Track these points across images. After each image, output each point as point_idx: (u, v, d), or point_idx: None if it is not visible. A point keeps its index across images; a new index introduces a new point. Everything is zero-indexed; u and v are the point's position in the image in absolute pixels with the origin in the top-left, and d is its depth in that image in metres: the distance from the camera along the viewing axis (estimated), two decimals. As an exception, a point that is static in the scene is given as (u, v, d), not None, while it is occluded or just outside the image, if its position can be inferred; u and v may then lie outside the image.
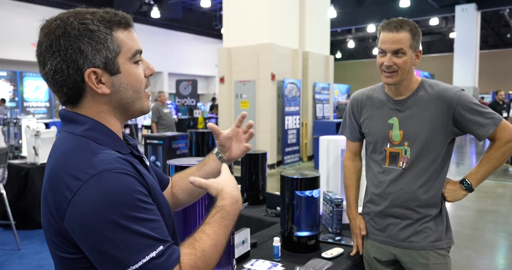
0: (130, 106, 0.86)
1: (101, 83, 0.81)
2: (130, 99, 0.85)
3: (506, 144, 1.43)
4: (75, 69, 0.78)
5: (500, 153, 1.44)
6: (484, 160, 1.47)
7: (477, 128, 1.43)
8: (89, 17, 0.80)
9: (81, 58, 0.78)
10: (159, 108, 7.04)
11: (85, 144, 0.78)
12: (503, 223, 4.51)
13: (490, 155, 1.46)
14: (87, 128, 0.80)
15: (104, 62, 0.80)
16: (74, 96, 0.81)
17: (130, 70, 0.84)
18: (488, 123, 1.42)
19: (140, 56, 0.88)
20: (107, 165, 0.73)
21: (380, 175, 1.56)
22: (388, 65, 1.44)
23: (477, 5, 16.80)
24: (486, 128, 1.42)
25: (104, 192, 0.70)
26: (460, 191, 1.50)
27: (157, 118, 6.98)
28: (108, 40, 0.80)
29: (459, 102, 1.43)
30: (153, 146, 3.01)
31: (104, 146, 0.79)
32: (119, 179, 0.72)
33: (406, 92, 1.51)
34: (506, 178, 7.11)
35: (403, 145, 1.50)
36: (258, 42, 7.59)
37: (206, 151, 2.77)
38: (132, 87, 0.84)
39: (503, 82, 25.24)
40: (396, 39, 1.42)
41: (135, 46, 0.86)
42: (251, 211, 2.38)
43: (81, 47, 0.77)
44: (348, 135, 1.74)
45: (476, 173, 1.47)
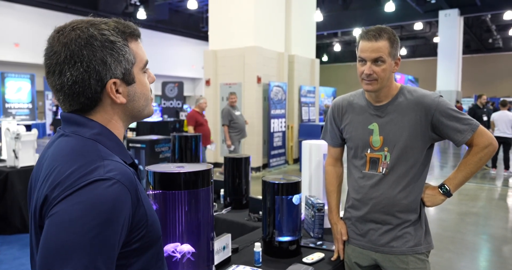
0: (141, 113, 0.89)
1: (118, 93, 0.82)
2: (142, 107, 0.88)
3: (483, 150, 1.45)
4: (97, 79, 0.79)
5: (477, 159, 1.46)
6: (461, 165, 1.49)
7: (455, 134, 1.45)
8: (106, 28, 0.81)
9: (104, 69, 0.79)
10: (230, 111, 6.43)
11: (94, 146, 0.78)
12: (484, 226, 4.60)
13: (468, 160, 1.48)
14: (97, 133, 0.81)
15: (123, 73, 0.82)
16: (89, 105, 0.82)
17: (142, 80, 0.87)
18: (465, 129, 1.44)
19: (147, 66, 0.91)
20: (111, 173, 0.72)
21: (361, 180, 1.57)
22: (368, 74, 1.46)
23: (460, 10, 17.17)
24: (464, 134, 1.44)
25: (91, 203, 0.68)
26: (438, 196, 1.52)
27: (228, 121, 6.40)
28: (126, 51, 0.82)
29: (437, 108, 1.45)
30: (135, 149, 2.97)
31: (112, 153, 0.79)
32: (115, 191, 0.71)
33: (386, 99, 1.53)
34: (486, 180, 7.25)
35: (383, 150, 1.51)
36: (244, 45, 7.60)
37: (190, 155, 2.75)
38: (143, 95, 0.88)
39: (485, 86, 25.83)
40: (375, 48, 1.43)
41: (145, 56, 0.89)
42: (234, 216, 2.37)
43: (104, 58, 0.78)
44: (329, 140, 1.74)
45: (454, 178, 1.49)
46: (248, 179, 2.55)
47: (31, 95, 15.73)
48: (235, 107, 6.54)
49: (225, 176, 2.54)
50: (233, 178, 2.51)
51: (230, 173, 2.51)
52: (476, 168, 1.48)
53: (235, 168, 2.51)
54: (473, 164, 1.47)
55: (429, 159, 1.54)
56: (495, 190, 6.47)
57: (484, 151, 1.46)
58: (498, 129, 7.52)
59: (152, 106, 0.92)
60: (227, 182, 2.52)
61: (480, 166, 1.48)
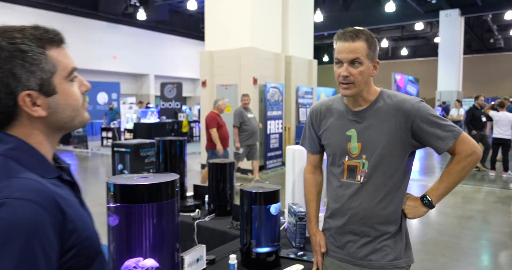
0: (68, 125, 0.83)
1: (36, 106, 0.76)
2: (68, 118, 0.82)
3: (465, 159, 1.38)
4: (7, 93, 0.73)
5: (460, 168, 1.39)
6: (444, 175, 1.42)
7: (436, 141, 1.38)
8: (18, 36, 0.74)
9: (13, 81, 0.73)
10: (242, 113, 6.19)
11: (3, 164, 0.72)
12: (481, 230, 4.51)
13: (450, 170, 1.41)
14: (11, 147, 0.75)
15: (39, 84, 0.75)
16: (5, 120, 0.76)
17: (67, 90, 0.80)
18: (447, 136, 1.37)
19: (75, 74, 0.84)
20: (18, 193, 0.66)
21: (339, 189, 1.50)
22: (344, 76, 1.39)
23: (461, 10, 17.07)
24: (445, 141, 1.37)
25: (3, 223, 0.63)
26: (420, 208, 1.44)
27: (239, 123, 6.14)
28: (42, 60, 0.75)
29: (417, 113, 1.38)
30: (120, 154, 2.90)
31: (26, 169, 0.73)
32: (25, 212, 0.65)
33: (364, 103, 1.47)
34: (485, 182, 7.16)
35: (361, 158, 1.44)
36: (240, 45, 7.53)
37: (174, 160, 2.69)
38: (70, 106, 0.81)
39: (487, 86, 25.70)
40: (352, 48, 1.37)
41: (70, 63, 0.82)
42: (216, 223, 2.30)
43: (12, 69, 0.72)
44: (307, 147, 1.67)
45: (437, 189, 1.42)
46: (233, 185, 2.49)
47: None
48: (248, 109, 6.32)
49: (209, 181, 2.47)
50: (217, 184, 2.44)
51: (214, 179, 2.45)
52: (459, 178, 1.41)
53: (220, 173, 2.44)
54: (456, 174, 1.40)
55: (410, 167, 1.47)
56: (494, 193, 6.39)
57: (467, 159, 1.38)
58: (497, 130, 7.42)
59: (86, 115, 0.86)
60: (211, 188, 2.46)
61: (463, 175, 1.41)
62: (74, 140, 11.71)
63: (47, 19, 17.97)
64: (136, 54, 21.93)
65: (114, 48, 20.75)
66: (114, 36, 20.79)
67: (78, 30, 19.12)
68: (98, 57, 19.99)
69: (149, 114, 11.35)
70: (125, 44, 21.33)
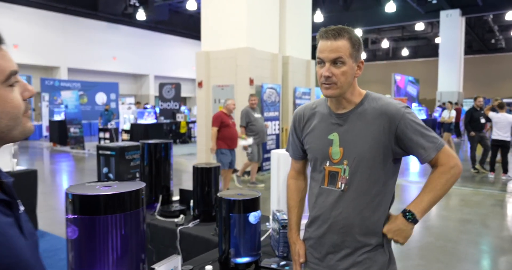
0: (7, 135, 0.73)
1: None
2: (6, 128, 0.71)
3: (449, 171, 1.31)
4: None
5: (444, 181, 1.31)
6: (427, 187, 1.34)
7: (419, 150, 1.31)
8: None
9: None
10: (249, 112, 6.12)
11: None
12: (478, 234, 4.42)
13: (433, 182, 1.32)
14: None
15: None
16: None
17: (4, 96, 0.71)
18: (430, 146, 1.31)
19: (16, 78, 0.74)
20: None
21: (320, 197, 1.42)
22: (326, 76, 1.31)
23: (462, 11, 16.97)
24: (428, 152, 1.31)
25: None
26: (407, 228, 1.32)
27: (246, 123, 6.09)
28: None
29: (402, 119, 1.31)
30: (105, 157, 2.83)
31: None
32: None
33: (348, 106, 1.39)
34: (484, 185, 7.07)
35: (342, 163, 1.36)
36: (236, 46, 7.46)
37: (160, 163, 2.62)
38: (7, 114, 0.71)
39: (488, 87, 25.58)
40: (334, 47, 1.30)
41: (9, 66, 0.72)
42: (200, 230, 2.23)
43: None
44: (290, 152, 1.60)
45: (421, 202, 1.32)
46: (218, 190, 2.41)
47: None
48: (255, 109, 6.25)
49: (194, 186, 2.40)
50: (201, 188, 2.37)
51: (199, 183, 2.37)
52: (443, 191, 1.32)
53: (204, 178, 2.37)
54: (439, 187, 1.31)
55: (395, 176, 1.39)
56: (492, 196, 6.29)
57: (451, 172, 1.31)
58: (497, 132, 7.33)
59: (29, 124, 0.76)
60: (195, 193, 2.38)
61: (446, 189, 1.33)
62: (71, 141, 11.65)
63: (46, 19, 17.91)
64: (136, 55, 21.88)
65: (114, 48, 20.70)
66: (114, 36, 20.75)
67: (78, 30, 19.08)
68: (98, 58, 19.95)
69: (146, 115, 11.28)
70: (125, 44, 21.28)
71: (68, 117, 11.66)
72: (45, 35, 17.91)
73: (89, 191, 1.10)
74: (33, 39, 17.46)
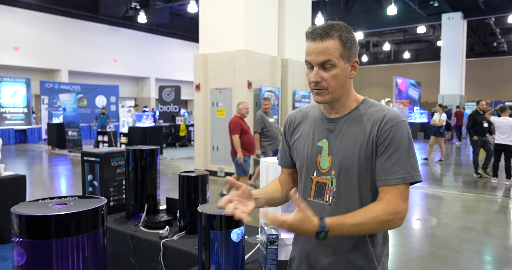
0: None
1: None
2: None
3: (392, 215, 1.10)
4: None
5: (378, 221, 1.09)
6: (358, 215, 1.09)
7: (381, 168, 1.14)
8: None
9: None
10: (263, 117, 5.84)
11: None
12: (482, 243, 4.27)
13: (367, 214, 1.09)
14: None
15: None
16: None
17: None
18: (395, 172, 1.12)
19: None
20: None
21: None
22: (315, 81, 1.18)
23: (463, 14, 16.85)
24: (388, 176, 1.12)
25: None
26: (305, 233, 1.08)
27: (261, 128, 5.81)
28: None
29: (390, 127, 1.15)
30: (90, 163, 2.70)
31: None
32: None
33: (342, 110, 1.25)
34: (487, 190, 6.91)
35: (330, 174, 1.23)
36: (234, 48, 7.35)
37: (145, 170, 2.48)
38: None
39: (490, 90, 25.40)
40: (321, 49, 1.16)
41: None
42: (185, 243, 2.09)
43: None
44: (279, 160, 1.47)
45: (342, 227, 1.08)
46: (206, 200, 2.28)
47: (26, 99, 15.56)
48: (268, 114, 5.98)
49: (180, 195, 2.26)
50: (188, 198, 2.23)
51: (185, 193, 2.24)
52: (367, 230, 1.12)
53: (191, 187, 2.23)
54: (369, 225, 1.09)
55: None
56: (496, 202, 6.13)
57: (390, 217, 1.09)
58: (500, 136, 7.18)
59: None
60: (181, 203, 2.25)
61: (373, 231, 1.13)
62: (68, 144, 11.55)
63: (48, 22, 17.89)
64: (137, 57, 21.84)
65: (115, 51, 20.67)
66: (115, 39, 20.72)
67: (79, 33, 19.05)
68: (99, 60, 19.91)
69: (144, 118, 11.17)
70: (126, 47, 21.25)
71: (66, 120, 11.56)
72: (46, 37, 17.87)
73: (39, 210, 0.97)
74: (34, 42, 17.44)
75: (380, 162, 1.14)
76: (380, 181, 1.14)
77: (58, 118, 13.57)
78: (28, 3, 16.42)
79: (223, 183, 7.39)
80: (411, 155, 1.14)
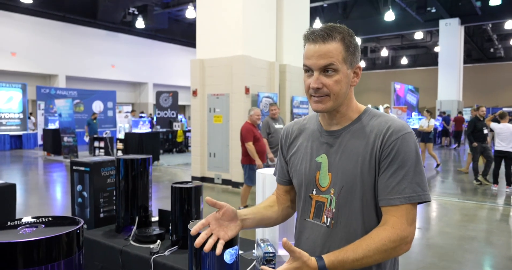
0: None
1: None
2: None
3: (394, 242, 0.99)
4: None
5: (382, 250, 0.98)
6: (360, 247, 0.99)
7: (383, 187, 1.03)
8: None
9: None
10: (269, 123, 5.62)
11: None
12: (484, 253, 4.17)
13: (371, 245, 0.99)
14: None
15: None
16: None
17: None
18: (399, 191, 1.01)
19: None
20: None
21: (304, 232, 1.19)
22: (315, 88, 1.08)
23: (461, 20, 16.89)
24: (392, 195, 1.01)
25: None
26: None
27: (267, 134, 5.57)
28: None
29: (395, 141, 1.04)
30: (79, 173, 2.59)
31: None
32: None
33: (343, 122, 1.14)
34: (487, 198, 6.81)
35: (329, 193, 1.12)
36: (232, 54, 7.27)
37: (137, 180, 2.38)
38: None
39: (487, 95, 25.44)
40: (323, 52, 1.05)
41: None
42: (177, 259, 1.98)
43: None
44: (276, 175, 1.37)
45: (344, 263, 0.98)
46: (200, 213, 2.17)
47: (22, 105, 15.43)
48: (276, 119, 5.75)
49: (172, 208, 2.16)
50: (180, 211, 2.13)
51: (178, 205, 2.13)
52: (371, 262, 0.99)
53: (184, 198, 2.13)
54: (374, 256, 0.98)
55: None
56: (497, 210, 6.04)
57: (395, 244, 0.98)
58: (500, 143, 7.10)
59: None
60: (173, 216, 2.14)
61: (377, 261, 1.00)
62: (64, 150, 11.41)
63: (45, 27, 17.83)
64: (135, 63, 21.78)
65: (113, 57, 20.61)
66: (113, 44, 20.67)
67: (76, 38, 18.99)
68: (96, 66, 19.83)
69: (141, 124, 11.06)
70: (124, 52, 21.20)
71: (61, 126, 11.44)
72: (43, 43, 17.80)
73: (4, 236, 0.86)
74: (32, 47, 17.36)
75: (383, 179, 1.04)
76: (383, 201, 1.03)
77: (54, 124, 13.44)
78: (25, 8, 16.37)
79: (220, 190, 7.28)
80: (418, 172, 1.03)
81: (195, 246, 0.99)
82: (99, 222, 2.56)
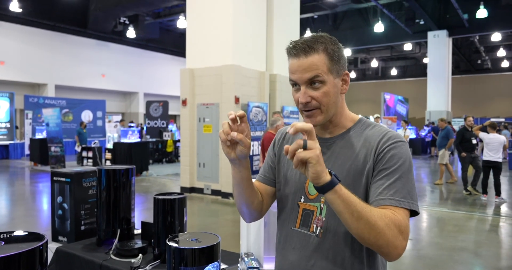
0: None
1: None
2: None
3: (397, 227, 0.92)
4: None
5: (383, 223, 0.90)
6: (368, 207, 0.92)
7: (375, 187, 1.00)
8: None
9: None
10: None
11: None
12: (474, 264, 4.13)
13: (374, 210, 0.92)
14: None
15: None
16: None
17: None
18: (393, 193, 0.97)
19: None
20: None
21: (289, 242, 1.14)
22: (304, 103, 1.05)
23: (449, 31, 17.20)
24: (383, 195, 0.97)
25: None
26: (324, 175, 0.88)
27: None
28: None
29: (388, 148, 1.02)
30: (60, 184, 2.51)
31: None
32: None
33: (336, 130, 1.12)
34: (477, 208, 6.82)
35: (319, 201, 1.08)
36: (222, 63, 7.25)
37: (119, 192, 2.30)
38: None
39: (475, 106, 25.81)
40: (307, 65, 1.02)
41: None
42: (158, 274, 1.90)
43: None
44: (260, 174, 1.29)
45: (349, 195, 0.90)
46: (183, 225, 2.10)
47: (9, 114, 15.19)
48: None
49: (154, 220, 2.08)
50: (163, 224, 2.06)
51: (161, 217, 2.06)
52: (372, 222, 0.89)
53: (167, 210, 2.06)
54: (374, 218, 0.90)
55: None
56: (486, 220, 6.04)
57: (394, 230, 0.91)
58: (488, 153, 7.14)
59: None
60: (156, 229, 2.07)
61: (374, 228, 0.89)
62: (51, 160, 11.21)
63: (35, 36, 17.70)
64: (126, 72, 21.68)
65: (103, 66, 20.49)
66: (103, 53, 20.58)
67: (66, 48, 18.87)
68: (87, 75, 19.69)
69: (130, 133, 10.93)
70: (114, 61, 21.11)
71: (49, 136, 11.26)
72: (33, 52, 17.64)
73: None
74: (21, 56, 17.19)
75: (375, 181, 1.01)
76: (374, 203, 0.98)
77: (41, 134, 13.23)
78: (15, 17, 16.25)
79: (209, 201, 7.18)
80: (410, 180, 1.00)
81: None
82: (80, 235, 2.47)
